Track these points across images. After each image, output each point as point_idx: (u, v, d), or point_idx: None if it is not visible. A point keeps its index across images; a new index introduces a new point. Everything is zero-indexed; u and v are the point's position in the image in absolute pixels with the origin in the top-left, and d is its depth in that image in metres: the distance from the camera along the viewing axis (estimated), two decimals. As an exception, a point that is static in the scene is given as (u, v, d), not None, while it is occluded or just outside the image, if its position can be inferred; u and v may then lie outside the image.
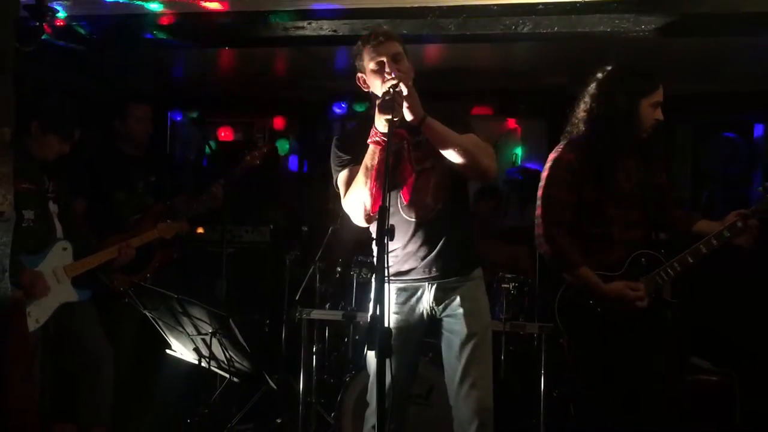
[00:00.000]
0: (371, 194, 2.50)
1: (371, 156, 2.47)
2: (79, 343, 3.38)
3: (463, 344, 2.60)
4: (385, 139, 2.38)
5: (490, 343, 2.68)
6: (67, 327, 3.35)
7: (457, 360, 2.61)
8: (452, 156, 2.51)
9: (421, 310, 2.67)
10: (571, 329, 2.92)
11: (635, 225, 2.90)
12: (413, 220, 2.61)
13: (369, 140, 2.45)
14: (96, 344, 3.41)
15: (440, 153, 2.54)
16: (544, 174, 2.93)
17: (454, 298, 2.65)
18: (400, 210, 2.60)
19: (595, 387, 2.97)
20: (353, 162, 2.59)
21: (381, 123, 2.37)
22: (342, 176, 2.64)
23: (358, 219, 2.60)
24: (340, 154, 2.66)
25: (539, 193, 2.93)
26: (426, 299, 2.66)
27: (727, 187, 5.09)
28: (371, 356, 2.67)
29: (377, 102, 2.38)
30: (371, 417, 2.64)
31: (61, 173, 3.50)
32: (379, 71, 2.54)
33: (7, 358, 2.57)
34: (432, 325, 2.70)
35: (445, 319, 2.67)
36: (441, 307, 2.67)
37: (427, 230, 2.62)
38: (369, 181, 2.47)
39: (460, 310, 2.64)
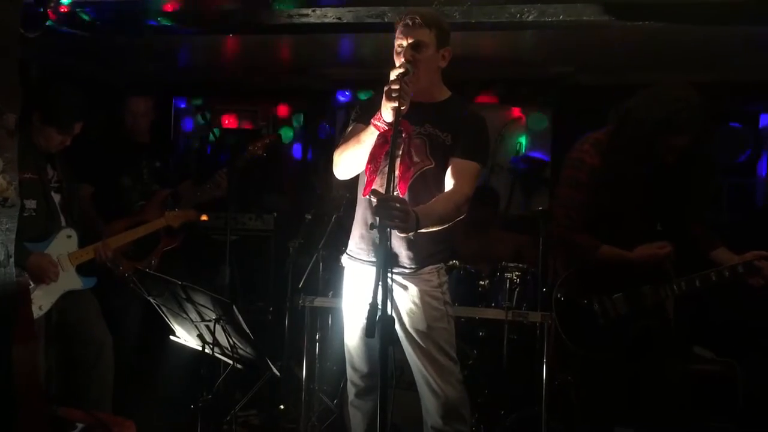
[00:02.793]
0: (365, 176, 2.54)
1: (368, 134, 2.48)
2: (78, 330, 3.39)
3: (413, 338, 2.63)
4: (386, 127, 2.38)
5: (445, 333, 2.64)
6: (67, 314, 3.36)
7: (411, 352, 2.64)
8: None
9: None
10: (564, 323, 2.92)
11: (651, 237, 2.87)
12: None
13: (372, 120, 2.45)
14: (95, 331, 3.42)
15: (421, 147, 2.57)
16: (563, 173, 2.91)
17: (400, 293, 2.65)
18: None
19: (579, 377, 2.98)
20: (362, 121, 2.60)
21: (387, 111, 2.36)
22: (349, 129, 2.69)
23: (337, 173, 2.66)
24: (358, 110, 2.71)
25: (557, 191, 2.92)
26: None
27: (732, 178, 5.07)
28: (348, 337, 2.74)
29: (385, 89, 2.35)
30: (349, 392, 2.78)
31: (66, 162, 3.50)
32: (399, 54, 2.52)
33: (13, 341, 2.59)
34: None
35: (394, 312, 2.65)
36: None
37: None
38: (359, 160, 2.53)
39: (403, 308, 2.64)
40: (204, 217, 4.05)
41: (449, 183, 2.56)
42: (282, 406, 4.17)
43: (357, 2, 3.40)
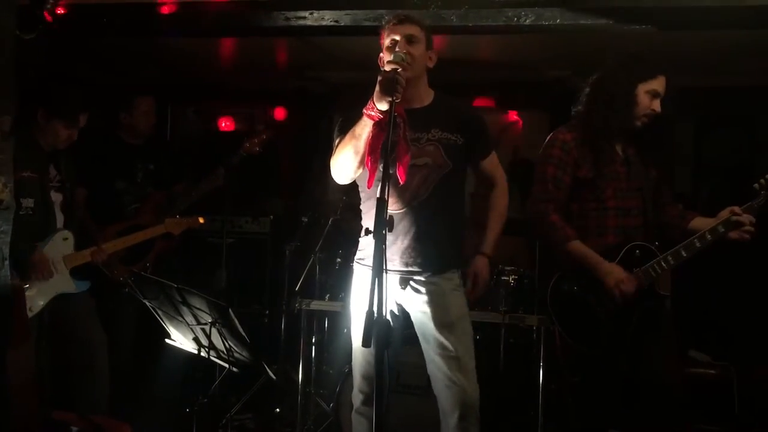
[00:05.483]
0: (367, 169, 2.52)
1: (362, 126, 2.47)
2: (73, 332, 3.37)
3: (437, 339, 2.62)
4: (381, 116, 2.39)
5: (468, 335, 2.68)
6: (62, 316, 3.34)
7: (433, 354, 2.64)
8: None
9: (391, 301, 2.66)
10: (563, 320, 2.92)
11: (631, 212, 2.89)
12: (400, 207, 2.61)
13: (364, 110, 2.44)
14: (90, 333, 3.40)
15: (437, 152, 2.60)
16: (540, 152, 2.95)
17: (423, 294, 2.65)
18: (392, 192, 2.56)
19: (585, 378, 2.97)
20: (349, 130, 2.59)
21: (382, 104, 2.36)
22: (337, 141, 2.67)
23: (338, 178, 2.65)
24: (343, 122, 2.68)
25: (535, 170, 2.96)
26: (395, 291, 2.65)
27: (728, 182, 5.08)
28: (357, 344, 2.72)
29: (378, 79, 2.36)
30: (355, 399, 2.74)
31: (69, 163, 3.49)
32: (391, 48, 2.56)
33: (7, 344, 2.58)
34: (407, 318, 2.72)
35: (415, 314, 2.68)
36: (410, 301, 2.67)
37: (408, 219, 2.61)
38: (359, 154, 2.50)
39: (428, 307, 2.64)
40: (201, 220, 4.05)
41: (485, 180, 2.84)
42: (278, 410, 4.16)
43: (354, 5, 3.40)
